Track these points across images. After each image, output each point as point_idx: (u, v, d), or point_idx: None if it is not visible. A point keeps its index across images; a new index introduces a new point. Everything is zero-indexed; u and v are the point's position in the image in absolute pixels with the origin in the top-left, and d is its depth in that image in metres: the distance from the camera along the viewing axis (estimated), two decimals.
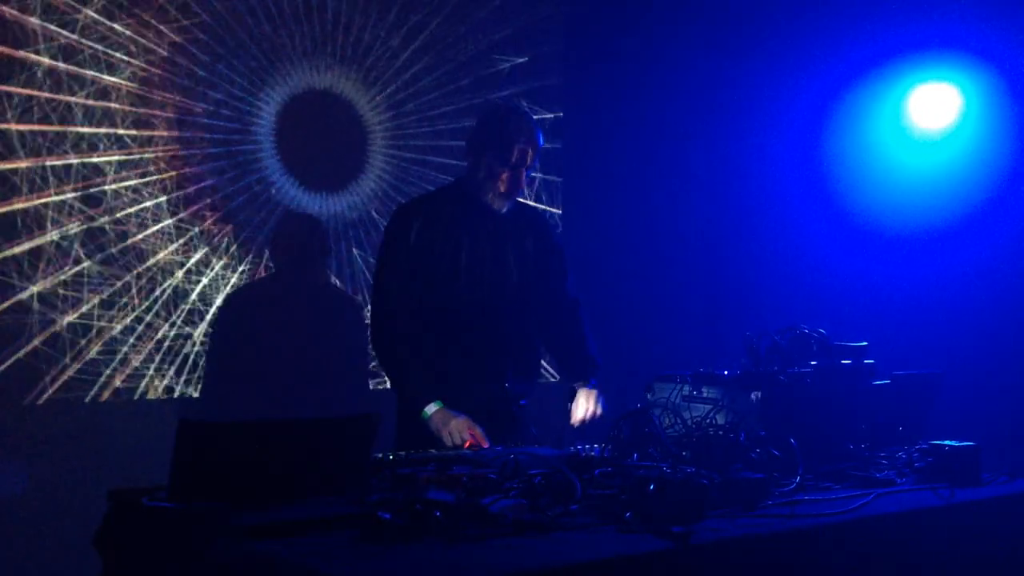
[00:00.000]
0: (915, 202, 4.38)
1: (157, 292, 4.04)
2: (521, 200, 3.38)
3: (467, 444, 2.92)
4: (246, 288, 4.24)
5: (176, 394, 4.10)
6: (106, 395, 3.92)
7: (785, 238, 4.80)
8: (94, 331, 3.88)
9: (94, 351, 3.89)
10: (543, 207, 5.08)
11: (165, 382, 4.06)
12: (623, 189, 5.26)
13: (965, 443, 2.73)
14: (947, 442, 2.74)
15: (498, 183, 3.19)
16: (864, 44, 4.50)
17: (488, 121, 3.26)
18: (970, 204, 4.21)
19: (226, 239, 4.21)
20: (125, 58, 3.94)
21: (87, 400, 3.88)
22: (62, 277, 3.81)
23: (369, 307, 3.64)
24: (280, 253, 4.20)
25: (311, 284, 4.27)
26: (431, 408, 3.05)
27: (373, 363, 4.36)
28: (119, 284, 3.95)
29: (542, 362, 3.94)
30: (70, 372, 3.84)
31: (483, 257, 3.27)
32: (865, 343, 3.00)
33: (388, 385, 3.39)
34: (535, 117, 3.40)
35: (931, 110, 4.39)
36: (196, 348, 4.16)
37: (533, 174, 3.99)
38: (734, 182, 5.12)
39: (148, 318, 4.02)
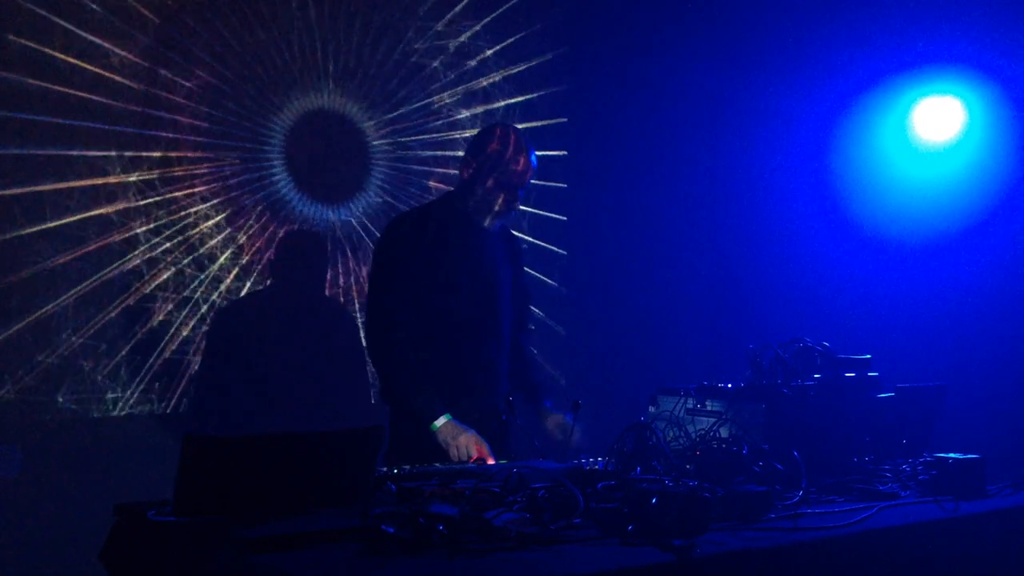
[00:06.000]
0: (919, 213, 4.39)
1: (161, 307, 4.06)
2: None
3: (472, 459, 2.93)
4: (241, 300, 4.21)
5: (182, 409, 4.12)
6: (111, 409, 3.94)
7: (789, 250, 4.81)
8: (102, 347, 3.91)
9: (103, 365, 3.92)
10: (535, 222, 5.09)
11: (174, 398, 4.08)
12: (627, 200, 5.27)
13: (969, 455, 2.74)
14: (951, 454, 2.74)
15: (497, 203, 3.22)
16: (870, 59, 4.53)
17: (489, 141, 3.25)
18: (973, 215, 4.23)
19: (237, 254, 4.23)
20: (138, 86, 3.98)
21: (94, 414, 3.90)
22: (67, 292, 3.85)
23: (364, 317, 3.64)
24: (284, 267, 4.22)
25: (308, 296, 4.29)
26: (440, 421, 3.05)
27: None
28: (127, 299, 3.97)
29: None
30: (77, 386, 3.87)
31: (476, 273, 3.27)
32: (869, 356, 3.00)
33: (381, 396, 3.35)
34: (538, 127, 3.43)
35: (935, 123, 4.41)
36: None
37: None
38: (740, 194, 5.13)
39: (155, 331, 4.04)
